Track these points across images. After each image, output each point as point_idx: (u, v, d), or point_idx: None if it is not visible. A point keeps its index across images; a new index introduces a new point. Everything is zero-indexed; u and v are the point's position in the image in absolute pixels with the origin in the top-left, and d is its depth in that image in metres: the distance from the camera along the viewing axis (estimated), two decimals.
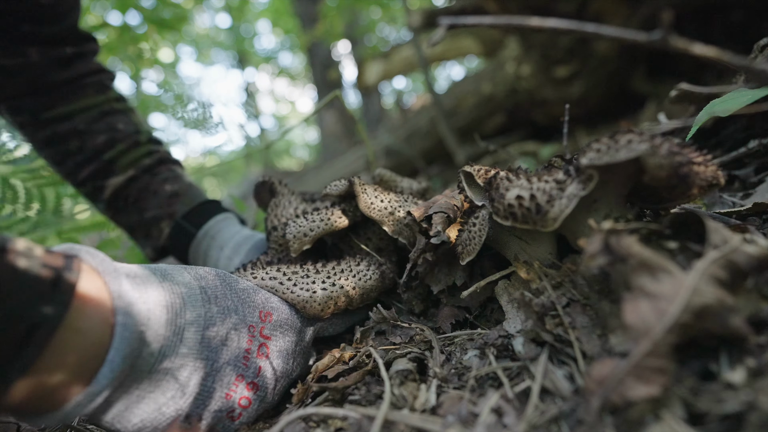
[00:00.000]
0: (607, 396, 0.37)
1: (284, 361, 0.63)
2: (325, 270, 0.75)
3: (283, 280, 0.70)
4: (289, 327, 0.66)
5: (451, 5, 3.22)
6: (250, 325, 0.61)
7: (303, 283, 0.70)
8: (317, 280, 0.71)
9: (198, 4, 6.89)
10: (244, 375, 0.58)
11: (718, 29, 2.03)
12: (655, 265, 0.41)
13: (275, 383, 0.62)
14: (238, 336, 0.59)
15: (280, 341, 0.64)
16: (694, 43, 0.40)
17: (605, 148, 0.49)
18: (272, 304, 0.66)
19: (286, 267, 0.74)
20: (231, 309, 0.60)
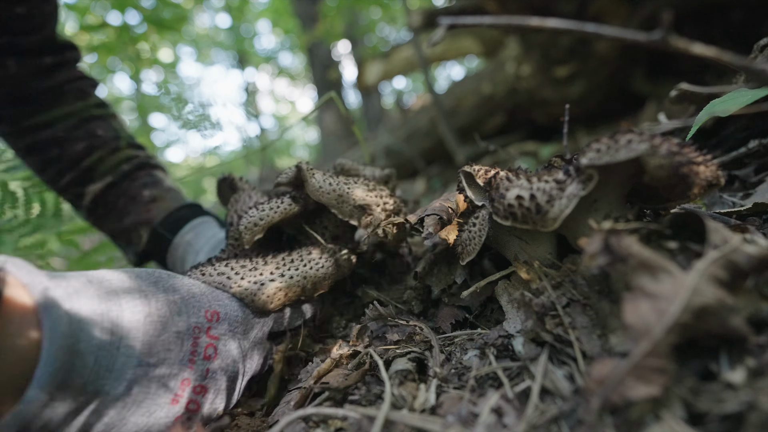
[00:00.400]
0: (607, 396, 0.37)
1: (234, 361, 0.62)
2: (274, 261, 0.72)
3: (230, 275, 0.67)
4: (238, 324, 0.64)
5: (451, 5, 3.22)
6: (195, 326, 0.59)
7: (251, 275, 0.68)
8: (265, 272, 0.69)
9: (198, 4, 6.89)
10: (191, 378, 0.57)
11: (718, 29, 2.03)
12: (655, 265, 0.41)
13: (227, 384, 0.61)
14: (181, 339, 0.57)
15: (230, 341, 0.62)
16: (694, 43, 0.40)
17: (605, 148, 0.49)
18: (219, 302, 0.64)
19: (235, 261, 0.72)
20: (173, 311, 0.59)
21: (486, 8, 2.36)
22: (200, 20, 11.15)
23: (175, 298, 0.60)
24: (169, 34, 3.12)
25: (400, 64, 4.11)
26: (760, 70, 0.41)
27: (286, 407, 0.61)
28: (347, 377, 0.59)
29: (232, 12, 10.23)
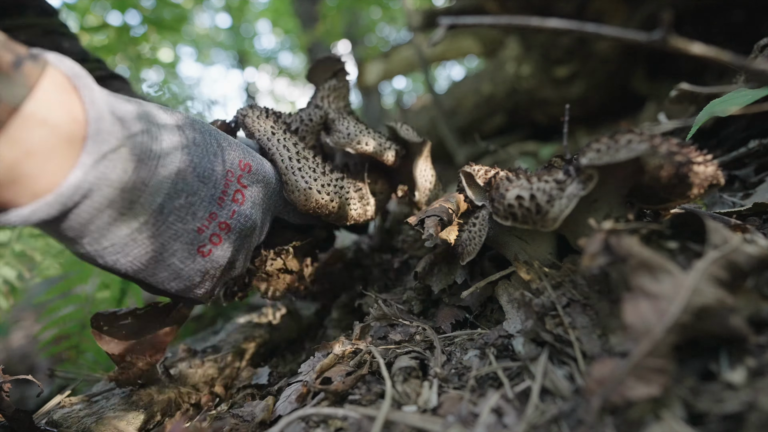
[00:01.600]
0: (608, 396, 0.37)
1: (256, 212, 0.64)
2: (330, 176, 0.77)
3: (292, 155, 0.72)
4: (266, 184, 0.67)
5: (451, 5, 3.22)
6: (229, 169, 0.61)
7: (308, 173, 0.72)
8: (318, 180, 0.74)
9: (198, 4, 6.88)
10: (218, 213, 0.59)
11: (718, 29, 2.03)
12: (655, 265, 0.41)
13: (247, 234, 0.63)
14: (214, 177, 0.59)
15: (256, 193, 0.64)
16: (694, 43, 0.40)
17: (605, 148, 0.49)
18: (254, 157, 0.66)
19: (303, 147, 0.77)
20: (211, 150, 0.60)
21: (486, 8, 2.36)
22: (200, 20, 11.15)
23: (215, 138, 0.62)
24: (169, 35, 3.12)
25: (400, 64, 4.12)
26: (760, 70, 0.41)
27: (287, 402, 0.61)
28: (345, 379, 0.59)
29: (232, 12, 10.22)
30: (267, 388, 0.76)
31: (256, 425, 0.62)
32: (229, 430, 0.62)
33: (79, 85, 0.47)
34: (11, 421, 0.62)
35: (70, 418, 0.67)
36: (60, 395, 0.74)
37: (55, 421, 0.67)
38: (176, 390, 0.77)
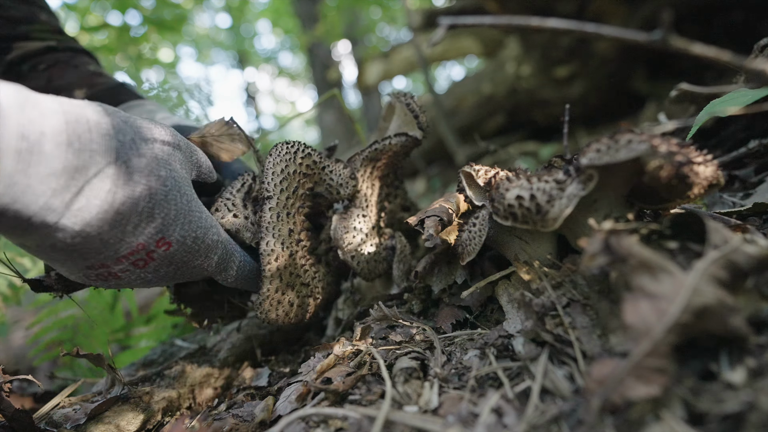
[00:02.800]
0: (608, 396, 0.37)
1: (156, 277, 0.64)
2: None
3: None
4: (181, 264, 0.64)
5: (451, 5, 3.22)
6: (140, 243, 0.59)
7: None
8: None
9: (198, 4, 6.88)
10: (110, 266, 0.59)
11: (719, 29, 2.03)
12: (655, 265, 0.41)
13: (138, 282, 0.64)
14: (118, 245, 0.57)
15: (164, 266, 0.63)
16: (694, 43, 0.40)
17: (605, 148, 0.49)
18: (184, 234, 0.62)
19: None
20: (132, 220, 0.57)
21: (486, 8, 2.36)
22: (200, 20, 11.15)
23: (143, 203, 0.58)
24: (169, 35, 3.12)
25: (400, 64, 4.11)
26: (760, 70, 0.41)
27: (287, 401, 0.61)
28: (345, 380, 0.59)
29: (232, 12, 10.23)
30: (267, 389, 0.76)
31: (256, 425, 0.62)
32: (229, 430, 0.62)
33: None
34: (11, 421, 0.62)
35: (70, 418, 0.67)
36: (60, 395, 0.74)
37: (55, 422, 0.67)
38: (176, 390, 0.77)
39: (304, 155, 0.77)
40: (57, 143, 0.48)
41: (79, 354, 0.73)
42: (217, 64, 14.75)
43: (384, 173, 0.91)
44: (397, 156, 0.89)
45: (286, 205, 0.75)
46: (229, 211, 0.74)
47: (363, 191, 0.87)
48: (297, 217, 0.77)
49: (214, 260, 0.67)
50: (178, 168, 0.63)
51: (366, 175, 0.87)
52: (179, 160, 0.65)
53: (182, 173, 0.64)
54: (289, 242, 0.74)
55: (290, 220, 0.75)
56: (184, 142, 0.69)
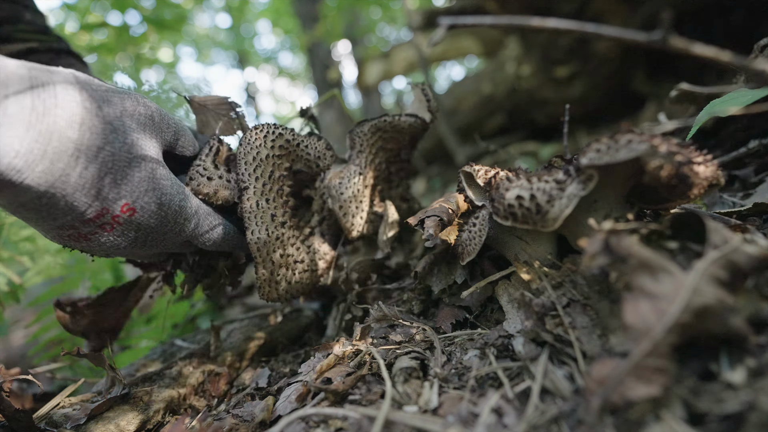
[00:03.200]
0: (608, 396, 0.37)
1: (125, 242, 0.66)
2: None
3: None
4: (149, 230, 0.66)
5: (451, 5, 3.22)
6: (105, 207, 0.61)
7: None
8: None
9: (198, 4, 6.88)
10: (79, 228, 0.61)
11: (719, 29, 2.02)
12: (655, 265, 0.41)
13: (106, 248, 0.66)
14: (86, 206, 0.59)
15: (129, 232, 0.65)
16: (694, 43, 0.40)
17: (605, 148, 0.49)
18: (149, 200, 0.64)
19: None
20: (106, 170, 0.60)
21: (486, 8, 2.36)
22: (200, 20, 11.14)
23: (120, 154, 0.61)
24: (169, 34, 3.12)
25: (400, 64, 4.11)
26: (760, 70, 0.41)
27: (287, 401, 0.61)
28: (345, 380, 0.59)
29: (232, 12, 10.23)
30: (267, 389, 0.76)
31: (256, 425, 0.62)
32: (229, 430, 0.62)
33: None
34: (11, 421, 0.62)
35: (70, 418, 0.67)
36: (60, 395, 0.74)
37: (55, 422, 0.67)
38: (176, 390, 0.77)
39: (275, 136, 0.78)
40: (21, 106, 0.51)
41: (79, 353, 0.73)
42: (217, 64, 14.76)
43: (389, 147, 0.93)
44: (404, 135, 0.91)
45: (264, 191, 0.76)
46: (202, 176, 0.75)
47: (364, 155, 0.89)
48: (278, 201, 0.78)
49: (189, 227, 0.70)
50: (147, 137, 0.65)
51: (371, 141, 0.89)
52: (149, 129, 0.66)
53: (151, 142, 0.65)
54: (273, 227, 0.76)
55: (271, 205, 0.76)
56: (159, 114, 0.69)
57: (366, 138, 0.88)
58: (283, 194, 0.80)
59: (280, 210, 0.78)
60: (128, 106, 0.64)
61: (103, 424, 0.66)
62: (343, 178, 0.86)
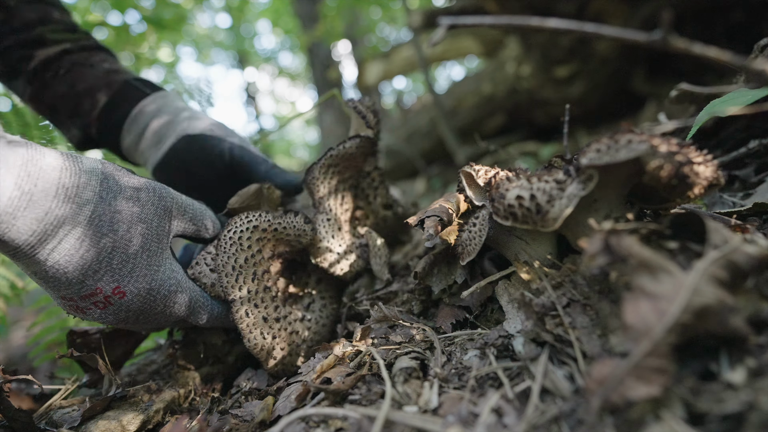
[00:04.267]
0: (608, 396, 0.37)
1: (115, 319, 0.70)
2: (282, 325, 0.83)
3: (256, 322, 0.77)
4: (139, 312, 0.70)
5: (451, 5, 3.22)
6: (98, 287, 0.66)
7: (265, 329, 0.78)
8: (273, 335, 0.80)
9: (198, 4, 6.89)
10: (77, 300, 0.66)
11: (719, 29, 2.03)
12: (655, 265, 0.41)
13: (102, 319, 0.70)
14: (85, 281, 0.65)
15: (121, 313, 0.69)
16: (694, 43, 0.40)
17: (605, 148, 0.49)
18: (138, 285, 0.68)
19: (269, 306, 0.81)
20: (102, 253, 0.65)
21: (486, 8, 2.36)
22: (200, 20, 11.14)
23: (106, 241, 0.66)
24: (168, 34, 3.12)
25: (400, 64, 4.12)
26: (760, 70, 0.41)
27: (287, 401, 0.61)
28: (345, 380, 0.59)
29: (232, 12, 10.23)
30: (267, 389, 0.76)
31: (256, 425, 0.62)
32: (229, 430, 0.62)
33: None
34: (11, 421, 0.62)
35: (70, 418, 0.67)
36: (58, 396, 0.74)
37: (54, 421, 0.67)
38: (176, 390, 0.77)
39: (250, 232, 0.77)
40: (45, 194, 0.59)
41: (73, 355, 0.73)
42: (217, 64, 14.76)
43: (347, 175, 0.93)
44: (356, 158, 0.90)
45: (250, 298, 0.77)
46: (205, 266, 0.78)
47: (326, 198, 0.89)
48: (267, 300, 0.79)
49: (180, 310, 0.73)
50: (155, 228, 0.70)
51: (326, 181, 0.89)
52: (159, 218, 0.71)
53: (156, 233, 0.71)
54: (267, 327, 0.78)
55: (261, 308, 0.78)
56: (174, 203, 0.74)
57: (320, 180, 0.88)
58: (272, 284, 0.81)
59: (271, 309, 0.79)
60: (142, 197, 0.69)
61: (104, 423, 0.66)
62: (318, 234, 0.87)
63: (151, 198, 0.70)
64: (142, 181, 0.71)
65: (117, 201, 0.66)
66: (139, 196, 0.69)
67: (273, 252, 0.83)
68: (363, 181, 0.99)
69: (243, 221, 0.77)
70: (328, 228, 0.89)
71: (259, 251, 0.79)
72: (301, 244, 0.84)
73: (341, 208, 0.92)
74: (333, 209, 0.90)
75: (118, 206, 0.66)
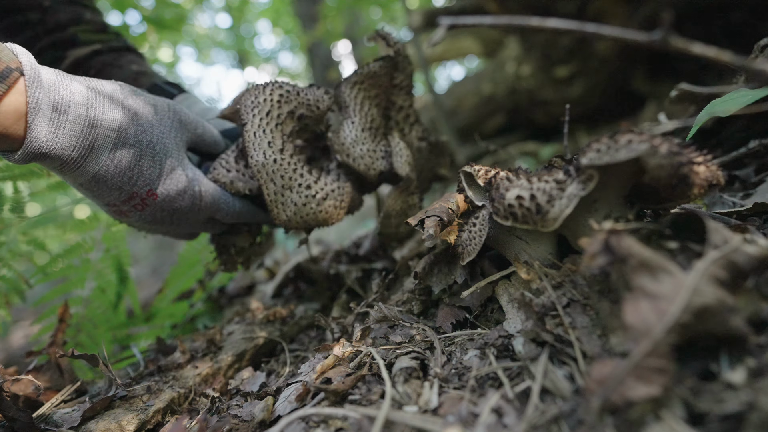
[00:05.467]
0: (608, 396, 0.37)
1: (156, 217, 0.82)
2: (313, 190, 0.93)
3: (278, 189, 0.88)
4: (173, 210, 0.82)
5: (451, 5, 3.22)
6: (134, 191, 0.76)
7: (294, 198, 0.90)
8: (300, 204, 0.91)
9: (198, 4, 6.89)
10: (119, 203, 0.77)
11: (719, 29, 2.02)
12: (655, 265, 0.41)
13: (145, 220, 0.82)
14: (124, 184, 0.75)
15: (156, 211, 0.81)
16: (694, 43, 0.40)
17: (605, 148, 0.49)
18: (171, 184, 0.79)
19: (295, 165, 0.91)
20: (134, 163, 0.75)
21: (486, 8, 2.36)
22: (200, 20, 11.14)
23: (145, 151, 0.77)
24: (168, 34, 3.12)
25: None
26: (760, 70, 0.41)
27: (287, 401, 0.61)
28: (345, 380, 0.59)
29: (232, 12, 10.23)
30: (266, 389, 0.76)
31: (255, 425, 0.62)
32: (229, 430, 0.62)
33: (29, 84, 0.64)
34: (11, 421, 0.62)
35: (70, 418, 0.67)
36: (59, 395, 0.74)
37: (54, 421, 0.67)
38: (176, 390, 0.77)
39: (273, 88, 0.90)
40: (78, 113, 0.68)
41: (74, 355, 0.73)
42: (217, 64, 14.78)
43: (372, 94, 0.99)
44: (380, 77, 0.97)
45: (261, 125, 0.87)
46: (222, 168, 0.89)
47: (351, 106, 0.97)
48: (275, 132, 0.89)
49: (207, 206, 0.84)
50: (172, 138, 0.80)
51: (353, 93, 0.96)
52: (176, 130, 0.81)
53: (174, 142, 0.80)
54: (270, 151, 0.87)
55: (267, 135, 0.88)
56: (186, 118, 0.84)
57: (348, 95, 0.96)
58: (284, 130, 0.91)
59: (278, 139, 0.89)
60: (159, 111, 0.79)
61: (104, 423, 0.66)
62: (342, 129, 0.95)
63: (167, 112, 0.80)
64: (158, 99, 0.81)
65: (138, 116, 0.75)
66: (156, 110, 0.78)
67: (293, 111, 0.93)
68: (398, 114, 1.06)
69: (271, 83, 0.91)
70: (353, 128, 0.96)
71: (278, 102, 0.90)
72: (319, 109, 0.95)
73: (368, 120, 0.98)
74: (360, 118, 0.97)
75: (139, 120, 0.75)
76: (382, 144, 0.99)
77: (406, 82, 1.03)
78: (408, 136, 1.06)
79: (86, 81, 0.71)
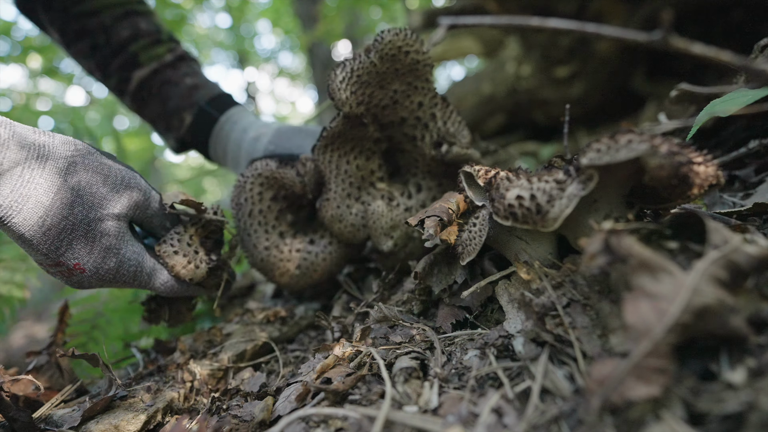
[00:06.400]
0: (608, 396, 0.37)
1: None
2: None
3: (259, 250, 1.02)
4: (109, 280, 0.80)
5: (451, 5, 3.22)
6: (60, 260, 0.74)
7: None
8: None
9: (198, 4, 6.89)
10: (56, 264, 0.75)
11: (719, 29, 2.02)
12: (655, 265, 0.41)
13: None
14: (54, 252, 0.73)
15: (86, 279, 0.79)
16: (694, 43, 0.40)
17: (605, 148, 0.49)
18: (98, 257, 0.76)
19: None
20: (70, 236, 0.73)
21: (486, 8, 2.36)
22: (200, 20, 11.14)
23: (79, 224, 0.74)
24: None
25: None
26: (760, 70, 0.41)
27: (287, 401, 0.61)
28: (345, 380, 0.59)
29: (232, 12, 10.22)
30: (266, 389, 0.76)
31: (255, 425, 0.62)
32: (229, 430, 0.62)
33: None
34: (11, 421, 0.62)
35: (70, 418, 0.67)
36: (59, 395, 0.74)
37: (54, 421, 0.67)
38: (176, 390, 0.77)
39: (254, 179, 0.97)
40: (12, 176, 0.66)
41: (74, 355, 0.73)
42: (217, 64, 14.78)
43: (345, 150, 1.00)
44: (345, 133, 0.97)
45: (246, 228, 0.98)
46: (170, 246, 0.87)
47: (327, 174, 0.99)
48: (260, 230, 0.98)
49: (141, 280, 0.82)
50: (114, 214, 0.77)
51: (327, 158, 0.98)
52: (121, 206, 0.78)
53: (116, 218, 0.77)
54: (257, 251, 0.99)
55: (252, 237, 0.98)
56: (138, 197, 0.81)
57: (323, 161, 0.98)
58: (268, 219, 1.00)
59: (262, 237, 0.98)
60: (111, 179, 0.77)
61: (104, 423, 0.66)
62: (323, 204, 0.99)
63: (119, 185, 0.78)
64: (113, 168, 0.78)
65: (80, 189, 0.73)
66: (105, 181, 0.76)
67: (275, 196, 1.00)
68: (405, 122, 1.02)
69: (250, 170, 0.98)
70: (332, 201, 0.99)
71: (259, 195, 0.98)
72: (298, 188, 0.99)
73: (346, 185, 1.00)
74: (336, 185, 0.99)
75: (80, 192, 0.73)
76: (364, 203, 1.01)
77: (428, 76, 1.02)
78: (420, 146, 1.02)
79: (33, 142, 0.69)
